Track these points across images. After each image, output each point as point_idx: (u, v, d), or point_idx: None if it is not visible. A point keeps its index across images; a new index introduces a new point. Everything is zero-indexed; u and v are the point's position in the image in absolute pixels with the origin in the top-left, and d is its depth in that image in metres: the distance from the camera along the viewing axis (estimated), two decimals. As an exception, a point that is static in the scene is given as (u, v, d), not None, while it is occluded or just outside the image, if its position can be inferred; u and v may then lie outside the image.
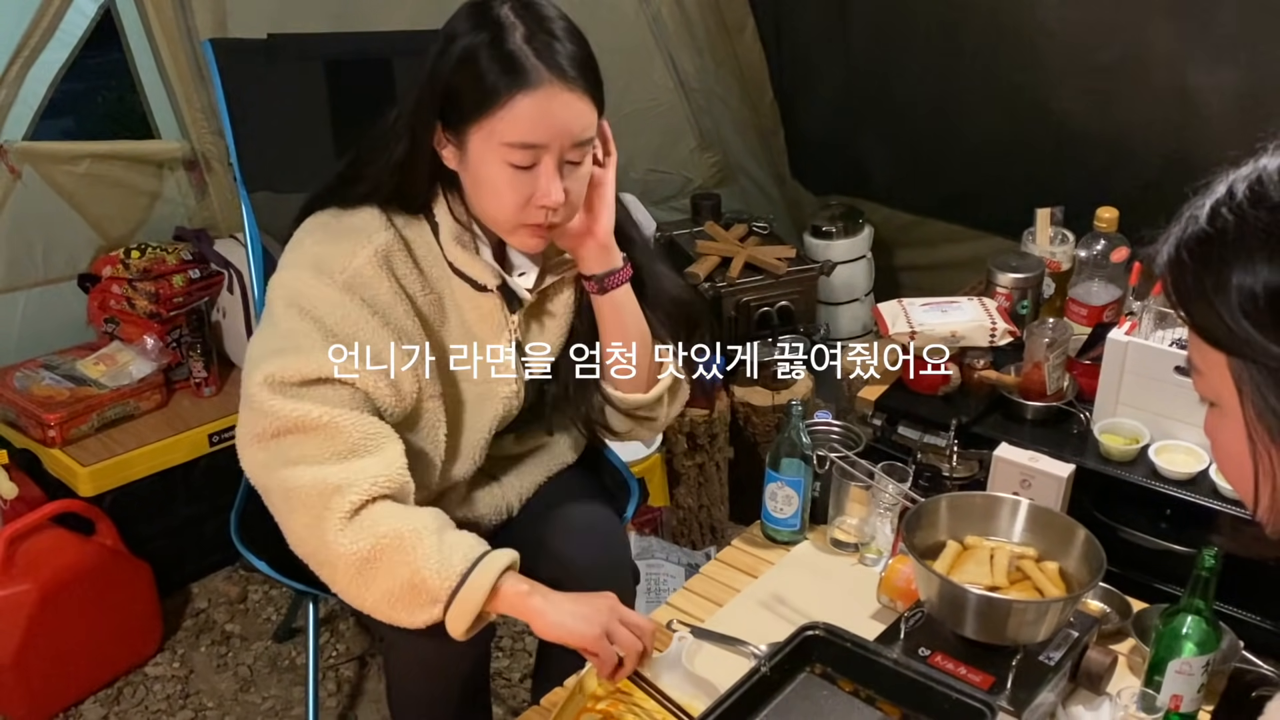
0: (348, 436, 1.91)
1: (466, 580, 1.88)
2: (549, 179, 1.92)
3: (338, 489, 1.88)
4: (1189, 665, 1.93)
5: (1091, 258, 3.09)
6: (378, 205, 2.05)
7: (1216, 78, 3.32)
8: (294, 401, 1.90)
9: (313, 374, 1.90)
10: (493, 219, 2.01)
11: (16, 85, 3.25)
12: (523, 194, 1.93)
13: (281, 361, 1.90)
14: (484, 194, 1.97)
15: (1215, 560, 1.90)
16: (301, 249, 2.02)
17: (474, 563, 1.90)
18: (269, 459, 1.92)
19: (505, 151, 1.89)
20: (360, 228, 2.01)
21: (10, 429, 3.37)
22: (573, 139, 1.93)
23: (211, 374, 3.51)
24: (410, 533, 1.89)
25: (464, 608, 1.89)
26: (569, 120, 1.91)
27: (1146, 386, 2.66)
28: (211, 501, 3.40)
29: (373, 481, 1.90)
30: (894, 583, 2.23)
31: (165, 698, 3.20)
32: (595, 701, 2.02)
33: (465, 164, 1.96)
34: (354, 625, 3.45)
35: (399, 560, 1.88)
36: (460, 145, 1.94)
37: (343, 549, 1.88)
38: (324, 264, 1.97)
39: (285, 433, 1.91)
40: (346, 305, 1.96)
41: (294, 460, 1.90)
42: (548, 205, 1.94)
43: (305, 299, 1.95)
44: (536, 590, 1.93)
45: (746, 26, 4.47)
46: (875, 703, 1.89)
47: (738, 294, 3.76)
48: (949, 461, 2.65)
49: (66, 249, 3.53)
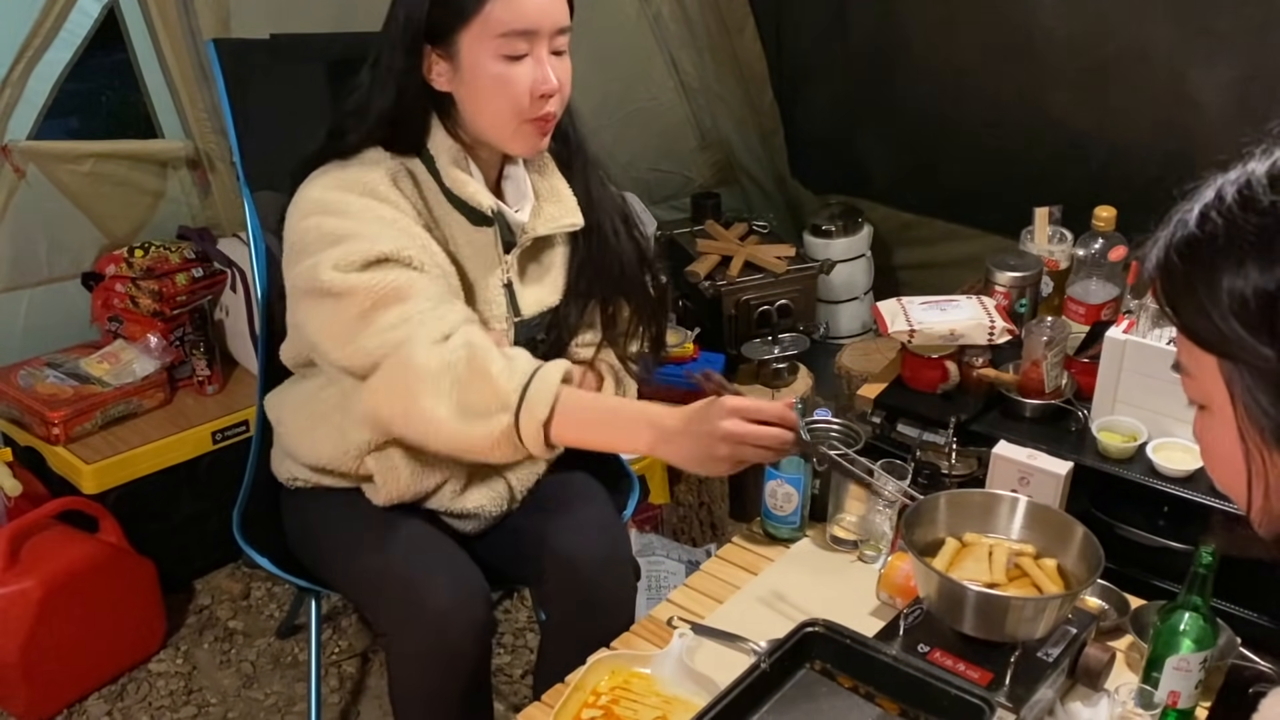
0: (430, 292, 2.00)
1: (530, 382, 1.93)
2: (544, 65, 2.04)
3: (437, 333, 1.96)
4: (1187, 662, 1.94)
5: (1089, 256, 3.08)
6: (377, 146, 2.13)
7: (1214, 76, 3.33)
8: (371, 274, 1.97)
9: (375, 255, 1.98)
10: (493, 122, 2.10)
11: (21, 85, 3.25)
12: (522, 85, 2.04)
13: (342, 249, 1.98)
14: (483, 98, 2.07)
15: (1213, 557, 1.91)
16: (313, 183, 2.10)
17: (534, 371, 1.95)
18: (374, 333, 1.97)
19: (500, 44, 2.00)
20: (367, 160, 2.11)
21: (14, 427, 3.37)
22: (556, 24, 2.06)
23: (214, 372, 3.51)
24: (483, 349, 1.95)
25: (532, 412, 1.92)
26: (552, 5, 2.05)
27: (1144, 384, 2.67)
28: (214, 499, 3.38)
29: (466, 316, 2.04)
30: (893, 579, 2.23)
31: (169, 694, 3.20)
32: (596, 698, 2.03)
33: (459, 75, 2.06)
34: (356, 622, 3.46)
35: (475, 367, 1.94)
36: (452, 57, 2.05)
37: (433, 363, 1.93)
38: (343, 183, 2.06)
39: (377, 306, 1.96)
40: (374, 205, 2.05)
41: (395, 324, 1.96)
42: (549, 91, 2.05)
43: (336, 204, 2.04)
44: (660, 434, 1.93)
45: (747, 26, 4.48)
46: (874, 699, 1.89)
47: (738, 293, 3.78)
48: (948, 459, 2.64)
49: (70, 248, 3.54)
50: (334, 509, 2.35)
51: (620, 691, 2.04)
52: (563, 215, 2.28)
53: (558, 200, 2.28)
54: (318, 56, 2.80)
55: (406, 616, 2.17)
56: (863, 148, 4.52)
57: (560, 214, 2.28)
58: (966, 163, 4.08)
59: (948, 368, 2.91)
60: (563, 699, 1.99)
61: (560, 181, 2.31)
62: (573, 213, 2.29)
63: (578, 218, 2.30)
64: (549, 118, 2.10)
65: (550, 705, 2.02)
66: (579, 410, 1.97)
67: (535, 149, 2.18)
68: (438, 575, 2.18)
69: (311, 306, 2.02)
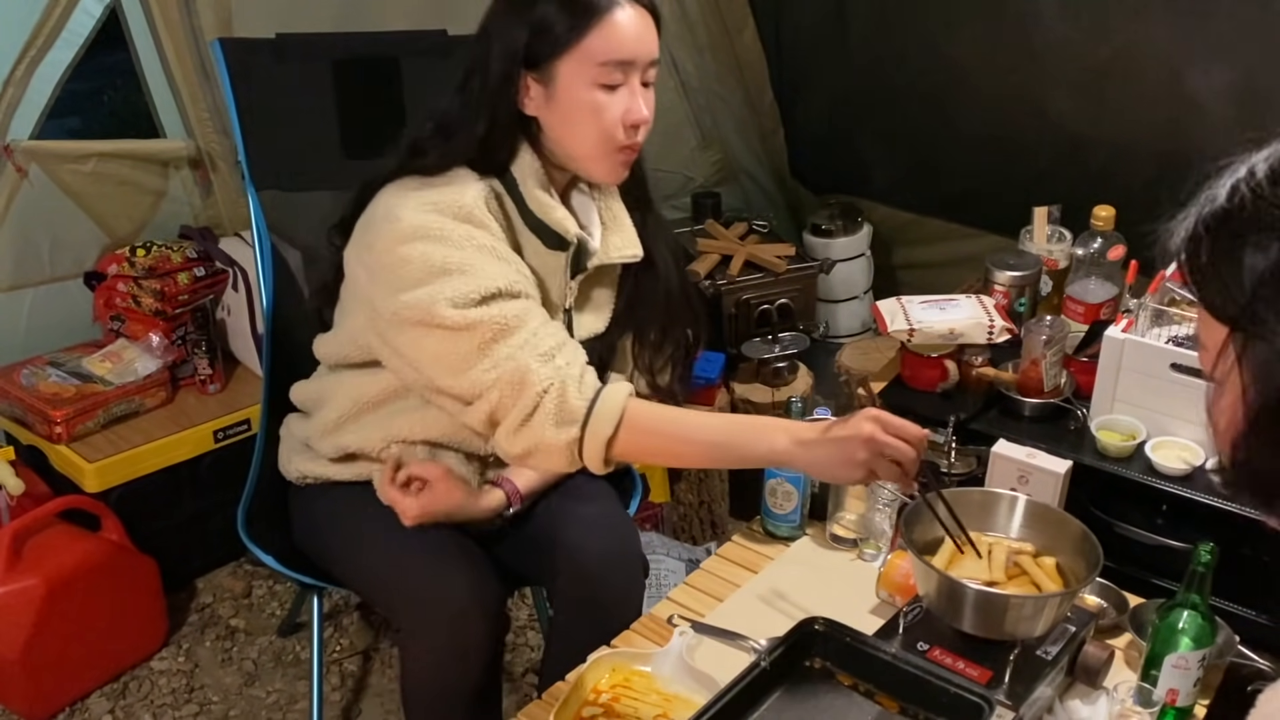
0: (538, 317, 2.03)
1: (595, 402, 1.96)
2: (637, 96, 2.05)
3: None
4: (1185, 660, 1.94)
5: (1088, 256, 3.10)
6: (464, 166, 2.12)
7: (1212, 77, 3.33)
8: (487, 309, 1.98)
9: (491, 290, 1.99)
10: (581, 149, 2.10)
11: (23, 85, 3.25)
12: (613, 115, 2.04)
13: (456, 285, 1.98)
14: (575, 125, 2.07)
15: (1211, 555, 1.91)
16: (405, 200, 2.07)
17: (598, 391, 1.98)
18: (489, 365, 1.98)
19: (598, 73, 2.01)
20: (458, 178, 2.10)
21: (17, 425, 3.38)
22: (650, 55, 2.07)
23: (216, 371, 3.52)
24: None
25: (598, 427, 1.95)
26: (647, 36, 2.06)
27: (1143, 383, 2.68)
28: (216, 497, 3.41)
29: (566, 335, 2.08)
30: (892, 578, 2.24)
31: (170, 692, 3.21)
32: (597, 695, 2.04)
33: (553, 101, 2.06)
34: (358, 621, 3.47)
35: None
36: (547, 83, 2.05)
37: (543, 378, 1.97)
38: (439, 205, 2.05)
39: (492, 338, 1.97)
40: (474, 233, 2.04)
41: (511, 354, 1.98)
42: (640, 121, 2.07)
43: (437, 231, 2.02)
44: (799, 443, 1.93)
45: (747, 27, 4.47)
46: (874, 697, 1.90)
47: (738, 292, 3.79)
48: (947, 458, 2.65)
49: (73, 247, 3.54)
50: (346, 505, 2.36)
51: (621, 689, 2.05)
52: (625, 245, 2.29)
53: (620, 229, 2.29)
54: (323, 56, 2.81)
55: (424, 613, 2.18)
56: (862, 147, 4.52)
57: (623, 244, 2.29)
58: (966, 162, 4.09)
59: (947, 367, 2.92)
60: (563, 697, 2.00)
61: (623, 210, 2.31)
62: (634, 243, 2.30)
63: (638, 249, 2.31)
64: (635, 148, 2.11)
65: (552, 703, 2.02)
66: (688, 421, 2.03)
67: (618, 177, 2.18)
68: (456, 572, 2.20)
69: (420, 336, 2.00)
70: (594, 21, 1.99)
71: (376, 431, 2.30)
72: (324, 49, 2.85)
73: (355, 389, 2.30)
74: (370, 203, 2.13)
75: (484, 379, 1.96)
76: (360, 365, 2.29)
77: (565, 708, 1.99)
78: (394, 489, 2.21)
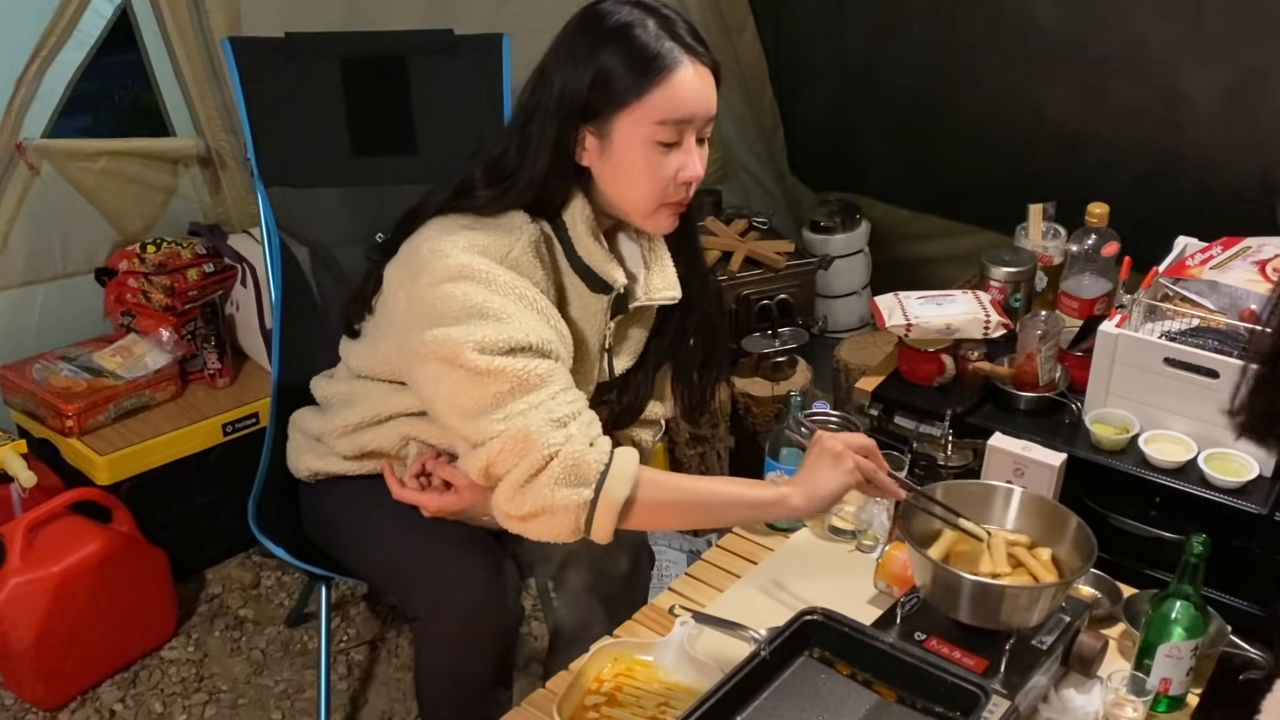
0: (561, 381, 2.00)
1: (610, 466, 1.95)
2: (692, 154, 2.03)
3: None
4: (1178, 649, 1.96)
5: (1083, 252, 3.11)
6: (519, 209, 2.09)
7: (1205, 76, 3.36)
8: (513, 360, 1.94)
9: (521, 342, 1.95)
10: (632, 203, 2.08)
11: (35, 84, 3.26)
12: (668, 172, 2.02)
13: (487, 330, 1.94)
14: (627, 179, 2.04)
15: (1204, 547, 1.94)
16: (453, 239, 2.02)
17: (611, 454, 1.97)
18: (501, 417, 1.95)
19: (655, 130, 1.98)
20: (510, 224, 2.06)
21: (29, 419, 3.40)
22: (709, 112, 2.04)
23: (225, 365, 3.53)
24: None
25: (613, 485, 1.94)
26: (707, 93, 2.03)
27: (1136, 377, 2.70)
28: (225, 490, 3.44)
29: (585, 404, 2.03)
30: (890, 569, 2.26)
31: (180, 681, 3.22)
32: (600, 685, 2.06)
33: (608, 154, 2.03)
34: (365, 610, 3.48)
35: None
36: (604, 136, 2.01)
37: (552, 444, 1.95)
38: (486, 250, 2.01)
39: (510, 390, 1.94)
40: (518, 282, 2.01)
41: (524, 410, 1.95)
42: (692, 179, 2.04)
43: (482, 274, 1.98)
44: (791, 483, 2.03)
45: (747, 27, 4.49)
46: (872, 686, 1.90)
47: (738, 288, 3.80)
48: (944, 451, 2.67)
49: (84, 244, 3.55)
50: (358, 496, 2.36)
51: (623, 679, 2.07)
52: (666, 288, 2.27)
53: (663, 270, 2.27)
54: (332, 55, 2.83)
55: (442, 603, 2.20)
56: (861, 145, 4.54)
57: (664, 285, 2.26)
58: (962, 160, 4.10)
59: (944, 361, 2.94)
60: (566, 686, 2.02)
61: (665, 252, 2.29)
62: (673, 285, 2.28)
63: (677, 291, 2.28)
64: (686, 202, 2.10)
65: (555, 692, 2.05)
66: (699, 484, 2.09)
67: (668, 230, 2.16)
68: (473, 562, 2.21)
69: (440, 373, 1.97)
70: (658, 80, 1.96)
71: (397, 434, 2.29)
72: (332, 48, 2.87)
73: (382, 399, 2.28)
74: (416, 232, 2.10)
75: (491, 429, 1.93)
76: (390, 380, 2.28)
77: (568, 697, 2.01)
78: (411, 489, 2.20)
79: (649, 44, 1.96)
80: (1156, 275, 2.84)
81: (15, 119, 3.27)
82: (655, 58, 1.95)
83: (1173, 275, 2.84)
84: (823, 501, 2.01)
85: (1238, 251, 2.85)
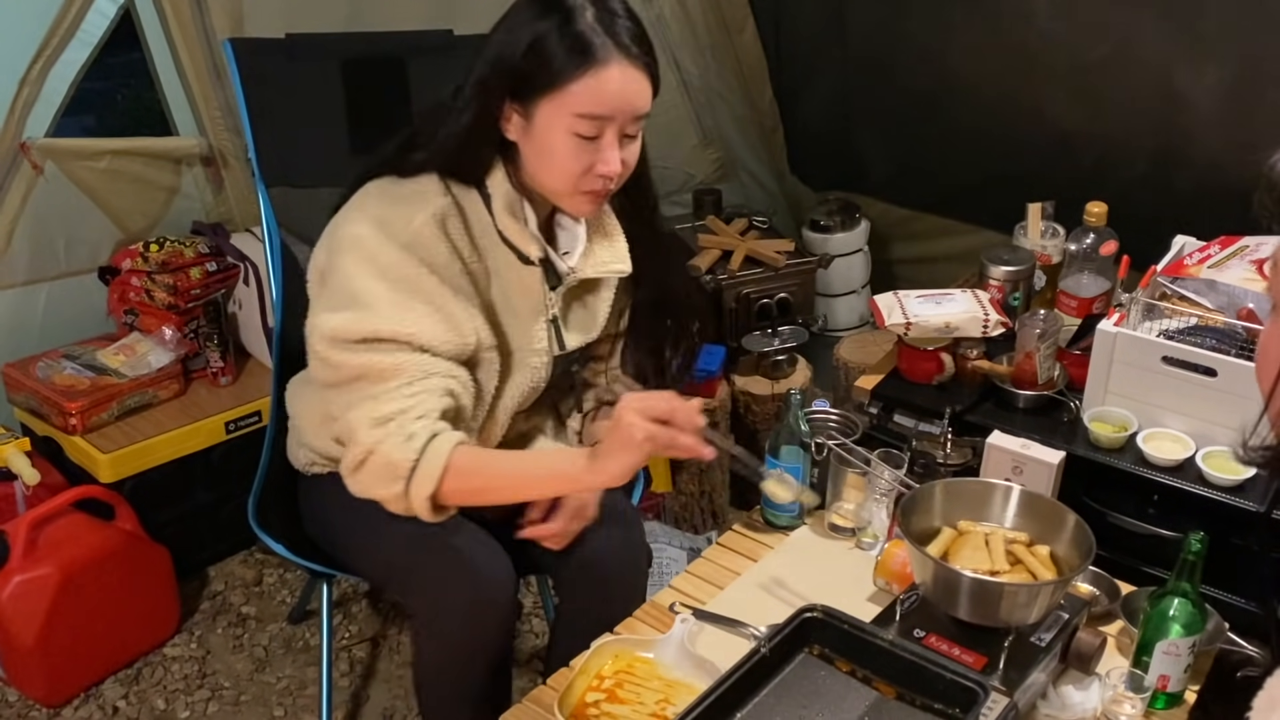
0: (410, 374, 2.05)
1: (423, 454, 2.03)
2: (611, 149, 2.04)
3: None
4: (1176, 646, 1.98)
5: (1081, 251, 3.11)
6: (435, 173, 2.13)
7: (1202, 76, 3.36)
8: (357, 355, 2.03)
9: (372, 333, 2.01)
10: (552, 186, 2.11)
11: (39, 84, 3.27)
12: (584, 163, 2.04)
13: (344, 318, 2.02)
14: (546, 163, 2.07)
15: (1201, 544, 1.95)
16: (364, 209, 2.11)
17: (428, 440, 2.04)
18: (345, 402, 2.08)
19: (573, 122, 2.00)
20: (419, 192, 2.11)
21: (33, 417, 3.40)
22: (634, 113, 2.04)
23: (228, 364, 3.54)
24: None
25: (422, 477, 2.02)
26: (633, 95, 2.03)
27: (1134, 376, 2.70)
28: (228, 487, 3.45)
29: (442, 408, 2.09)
30: (889, 566, 2.27)
31: (183, 677, 3.24)
32: (600, 681, 2.07)
33: (530, 134, 2.06)
34: (366, 608, 3.49)
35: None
36: (527, 116, 2.04)
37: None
38: (386, 223, 2.06)
39: (352, 380, 2.04)
40: (407, 263, 2.06)
41: (363, 399, 2.04)
42: (608, 174, 2.05)
43: (367, 255, 2.05)
44: (591, 455, 2.02)
45: (747, 27, 4.49)
46: (871, 683, 1.92)
47: (738, 286, 3.80)
48: (943, 449, 2.67)
49: (87, 242, 3.56)
50: None
51: (624, 675, 2.08)
52: (612, 260, 2.29)
53: (609, 244, 2.30)
54: (332, 56, 2.83)
55: (440, 600, 2.21)
56: (860, 145, 4.54)
57: (610, 259, 2.29)
58: (961, 160, 4.10)
59: (943, 360, 2.95)
60: (567, 683, 2.03)
61: (614, 225, 2.31)
62: (622, 259, 2.31)
63: (626, 265, 2.31)
64: (605, 191, 2.11)
65: (556, 689, 2.06)
66: (507, 460, 2.16)
67: (588, 214, 2.20)
68: (471, 559, 2.22)
69: (307, 346, 2.13)
70: (583, 70, 1.97)
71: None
72: (332, 49, 2.87)
73: (319, 403, 2.34)
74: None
75: (335, 410, 2.11)
76: None
77: (569, 693, 2.02)
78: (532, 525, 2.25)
79: (584, 33, 1.98)
80: (1154, 274, 2.85)
81: (19, 118, 3.28)
82: (586, 49, 1.98)
83: (1171, 274, 2.85)
84: (616, 478, 1.99)
85: (1235, 250, 2.86)
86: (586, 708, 2.03)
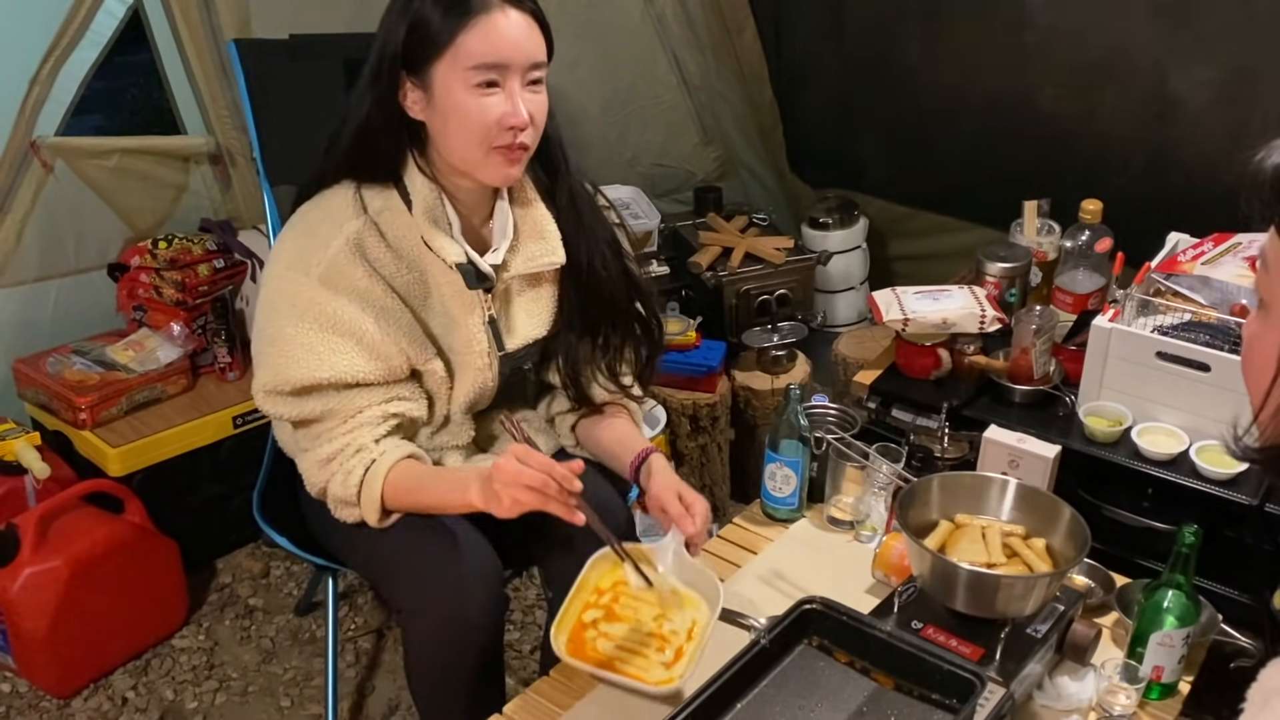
0: (342, 414, 2.17)
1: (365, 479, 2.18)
2: (514, 98, 2.05)
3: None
4: (1170, 638, 2.00)
5: (1077, 248, 3.14)
6: (350, 179, 2.17)
7: (1196, 75, 3.39)
8: (292, 404, 2.16)
9: (298, 384, 2.12)
10: (462, 151, 2.11)
11: (49, 83, 3.29)
12: (490, 116, 2.05)
13: (270, 372, 2.14)
14: (454, 127, 2.08)
15: (1195, 537, 1.98)
16: (283, 243, 2.20)
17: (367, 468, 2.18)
18: (296, 444, 2.28)
19: (469, 75, 2.02)
20: (333, 216, 2.15)
21: (43, 412, 3.42)
22: (528, 58, 2.06)
23: (235, 359, 3.56)
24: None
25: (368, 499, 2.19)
26: (522, 38, 2.05)
27: (1129, 371, 2.73)
28: (235, 481, 3.45)
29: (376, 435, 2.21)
30: (888, 559, 2.29)
31: (191, 669, 3.25)
32: (599, 596, 2.10)
33: (432, 103, 2.08)
34: (372, 600, 3.50)
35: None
36: (426, 86, 2.07)
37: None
38: (301, 257, 2.13)
39: (295, 425, 2.22)
40: (324, 299, 2.11)
41: (309, 442, 2.23)
42: (517, 124, 2.06)
43: (287, 298, 2.13)
44: (482, 483, 2.06)
45: (747, 27, 4.51)
46: (870, 673, 1.94)
47: (738, 283, 3.83)
48: (940, 443, 2.70)
49: (97, 240, 3.58)
50: None
51: (621, 589, 2.11)
52: (544, 254, 2.27)
53: (540, 237, 2.27)
54: (335, 56, 2.83)
55: (423, 595, 2.21)
56: (859, 143, 4.55)
57: (541, 252, 2.27)
58: (959, 158, 4.12)
59: (940, 355, 2.97)
60: (568, 598, 2.07)
61: (545, 216, 2.29)
62: (554, 250, 2.28)
63: (559, 255, 2.29)
64: (517, 148, 2.10)
65: (559, 680, 2.09)
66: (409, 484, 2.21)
67: (506, 178, 2.16)
68: (453, 554, 2.21)
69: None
70: (467, 22, 2.00)
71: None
72: (335, 49, 2.87)
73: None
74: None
75: (290, 444, 2.33)
76: None
77: (570, 607, 2.06)
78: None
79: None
80: (1149, 271, 2.87)
81: (30, 117, 3.30)
82: (460, 2, 2.01)
83: (1165, 270, 2.87)
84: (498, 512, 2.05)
85: (1228, 247, 2.88)
86: (584, 628, 2.06)
